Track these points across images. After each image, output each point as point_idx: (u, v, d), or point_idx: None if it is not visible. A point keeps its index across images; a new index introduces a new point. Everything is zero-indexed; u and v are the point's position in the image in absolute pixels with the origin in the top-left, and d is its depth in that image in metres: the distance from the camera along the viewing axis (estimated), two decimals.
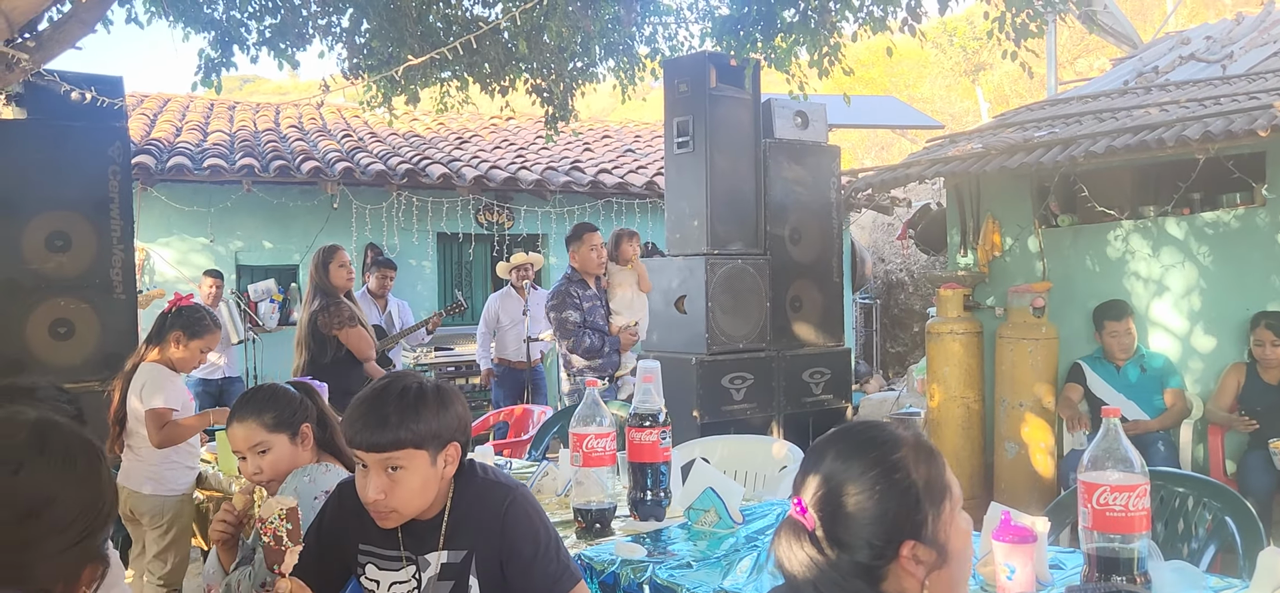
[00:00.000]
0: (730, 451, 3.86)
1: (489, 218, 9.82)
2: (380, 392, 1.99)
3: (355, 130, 11.17)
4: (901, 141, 20.59)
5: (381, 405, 1.96)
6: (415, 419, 1.95)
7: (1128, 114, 5.96)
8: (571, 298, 5.44)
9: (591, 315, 5.49)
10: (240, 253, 8.99)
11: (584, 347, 5.38)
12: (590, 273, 5.59)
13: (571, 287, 5.48)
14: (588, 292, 5.55)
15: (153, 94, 12.05)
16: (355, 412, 1.98)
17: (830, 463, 1.44)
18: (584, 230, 5.63)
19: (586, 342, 5.40)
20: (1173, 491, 2.72)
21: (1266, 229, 5.31)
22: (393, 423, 1.94)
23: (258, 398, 2.57)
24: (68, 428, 1.37)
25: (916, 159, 6.81)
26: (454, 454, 2.04)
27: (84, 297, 5.03)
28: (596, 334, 5.46)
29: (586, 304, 5.47)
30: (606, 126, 13.62)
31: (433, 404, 1.99)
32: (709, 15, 6.44)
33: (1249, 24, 8.31)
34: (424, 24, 6.47)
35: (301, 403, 2.58)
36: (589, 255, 5.56)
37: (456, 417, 2.03)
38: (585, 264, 5.58)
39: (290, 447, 2.52)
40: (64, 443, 1.34)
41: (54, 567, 1.29)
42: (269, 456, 2.51)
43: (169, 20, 6.08)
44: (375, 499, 1.97)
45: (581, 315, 5.43)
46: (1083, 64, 20.93)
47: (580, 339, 5.41)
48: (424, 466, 1.98)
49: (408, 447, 1.95)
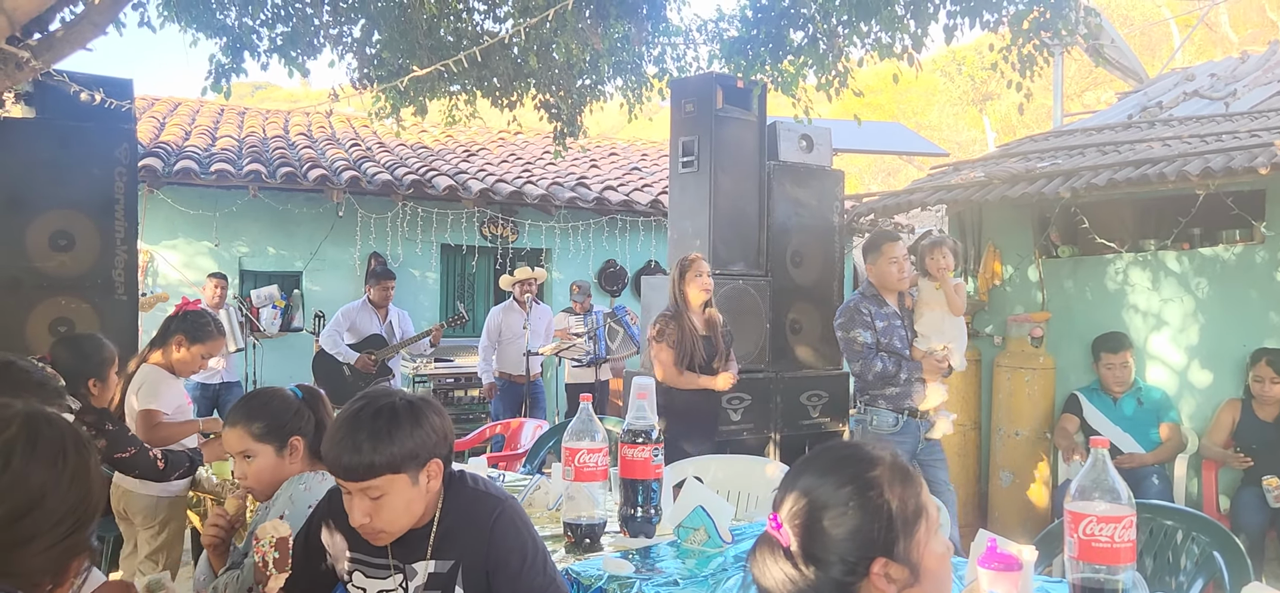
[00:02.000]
0: (724, 471, 3.87)
1: (493, 231, 9.85)
2: (353, 417, 1.97)
3: (363, 140, 11.22)
4: (908, 168, 20.63)
5: (355, 432, 1.94)
6: (389, 443, 1.94)
7: (1130, 148, 5.99)
8: (861, 316, 4.64)
9: (887, 336, 4.66)
10: (244, 258, 9.03)
11: (875, 371, 4.57)
12: (890, 289, 4.73)
13: (863, 303, 4.69)
14: (884, 309, 4.70)
15: (164, 97, 12.12)
16: (330, 439, 1.98)
17: (807, 481, 1.46)
18: (883, 240, 4.79)
19: (877, 365, 4.57)
20: (1162, 524, 2.73)
21: (1265, 266, 5.32)
22: (366, 450, 1.92)
23: (251, 404, 2.57)
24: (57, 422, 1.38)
25: (919, 185, 6.84)
26: (436, 469, 2.03)
27: (85, 296, 5.06)
28: (892, 358, 4.60)
29: (881, 324, 4.65)
30: (613, 144, 13.67)
31: (406, 425, 1.97)
32: (717, 37, 6.49)
33: (1254, 63, 8.34)
34: (434, 37, 6.53)
35: (297, 413, 2.57)
36: (888, 269, 4.69)
37: (433, 432, 2.01)
38: (884, 279, 4.71)
39: (275, 458, 2.51)
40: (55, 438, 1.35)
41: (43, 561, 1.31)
42: (253, 463, 2.50)
43: (181, 25, 6.14)
44: (361, 523, 1.98)
45: (874, 336, 4.62)
46: (1090, 97, 20.97)
47: (870, 362, 4.59)
48: (405, 487, 1.97)
49: (384, 473, 1.94)
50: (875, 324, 4.62)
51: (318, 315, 8.71)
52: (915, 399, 4.59)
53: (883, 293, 4.72)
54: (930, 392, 4.62)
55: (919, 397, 4.60)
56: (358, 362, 7.32)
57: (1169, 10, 20.78)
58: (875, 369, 4.56)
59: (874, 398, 4.64)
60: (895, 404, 4.59)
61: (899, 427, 4.57)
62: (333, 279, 9.27)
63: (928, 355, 4.63)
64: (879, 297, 4.70)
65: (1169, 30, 21.00)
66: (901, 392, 4.59)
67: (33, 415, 1.36)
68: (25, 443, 1.32)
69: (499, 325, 7.92)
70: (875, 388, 4.63)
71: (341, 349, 7.35)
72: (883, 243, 4.73)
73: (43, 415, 1.37)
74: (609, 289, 10.43)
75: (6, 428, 1.33)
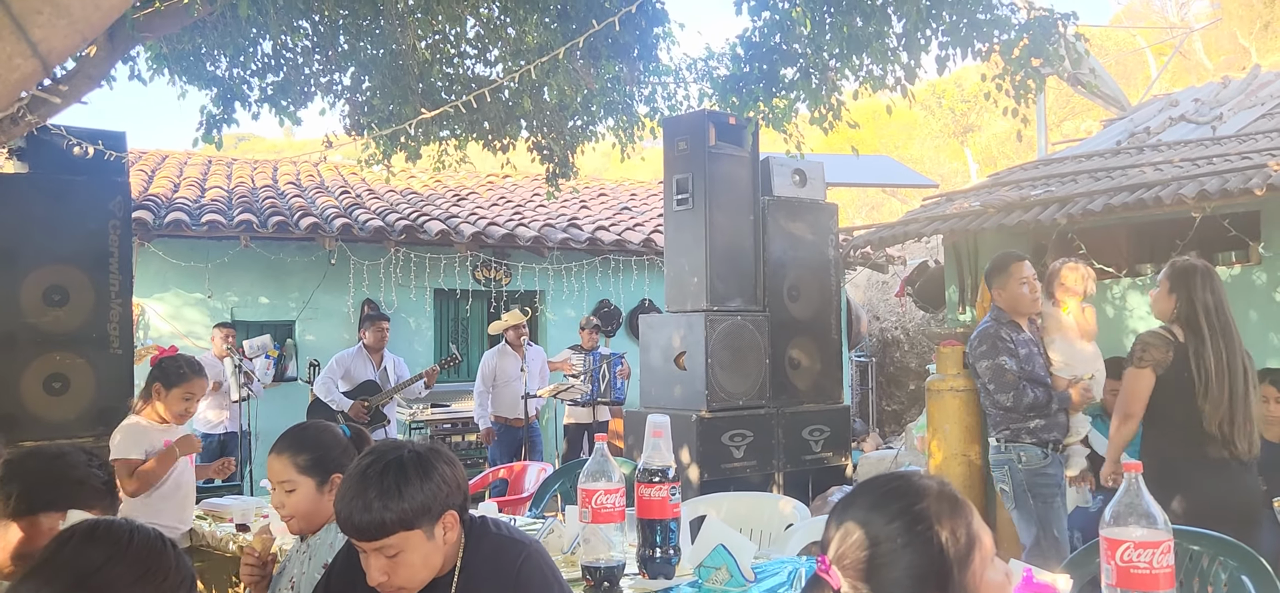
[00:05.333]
0: (734, 508, 3.82)
1: (486, 274, 9.82)
2: (361, 474, 1.93)
3: (353, 187, 11.21)
4: (891, 201, 20.78)
5: (364, 490, 1.90)
6: (399, 499, 1.89)
7: (1122, 173, 6.03)
8: (1005, 342, 4.26)
9: (1028, 364, 4.29)
10: (236, 308, 8.96)
11: (1027, 402, 4.19)
12: (1022, 313, 4.39)
13: (1002, 330, 4.30)
14: (1022, 335, 4.34)
15: (150, 150, 12.09)
16: (340, 498, 1.94)
17: (853, 518, 1.42)
18: (1011, 261, 4.43)
19: (1029, 397, 4.19)
20: (1187, 548, 2.70)
21: (1263, 287, 5.35)
22: (377, 508, 1.88)
23: (298, 435, 2.55)
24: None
25: (915, 216, 6.86)
26: (452, 521, 1.99)
27: (80, 352, 5.00)
28: (1041, 388, 4.25)
29: (1022, 351, 4.28)
30: (603, 184, 13.70)
31: (415, 479, 1.93)
32: (708, 75, 6.52)
33: (1236, 87, 8.45)
34: (426, 82, 6.54)
35: (345, 450, 2.53)
36: (1020, 291, 4.34)
37: (444, 483, 1.97)
38: (1016, 303, 4.35)
39: (315, 493, 2.47)
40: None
41: None
42: (293, 496, 2.48)
43: (171, 77, 6.13)
44: (379, 581, 1.93)
45: (1018, 363, 4.24)
46: (1069, 126, 21.24)
47: (1022, 392, 4.19)
48: (420, 542, 1.93)
49: (397, 531, 1.90)
50: (1017, 351, 4.24)
51: (312, 364, 8.64)
52: (1060, 432, 4.25)
53: (1015, 318, 4.36)
54: (1075, 423, 4.32)
55: (1063, 429, 4.27)
56: (351, 409, 7.25)
57: (1143, 39, 21.12)
58: (1027, 400, 4.17)
59: (1017, 432, 4.24)
60: (1040, 438, 4.21)
61: (1049, 461, 4.19)
62: (326, 327, 9.21)
63: (1073, 383, 4.28)
64: (1013, 322, 4.35)
65: (1144, 59, 21.35)
66: (1048, 423, 4.23)
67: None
68: None
69: (494, 369, 7.87)
70: (1019, 421, 4.23)
71: (336, 397, 7.28)
72: (1011, 263, 4.37)
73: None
74: (603, 330, 10.39)
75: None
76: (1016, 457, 4.20)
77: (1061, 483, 4.25)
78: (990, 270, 4.49)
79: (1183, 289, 3.74)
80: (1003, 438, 4.28)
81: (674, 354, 5.89)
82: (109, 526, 1.54)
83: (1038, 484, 4.15)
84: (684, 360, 5.84)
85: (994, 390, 4.27)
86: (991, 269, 4.48)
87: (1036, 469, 4.17)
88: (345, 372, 7.42)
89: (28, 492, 2.16)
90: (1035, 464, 4.17)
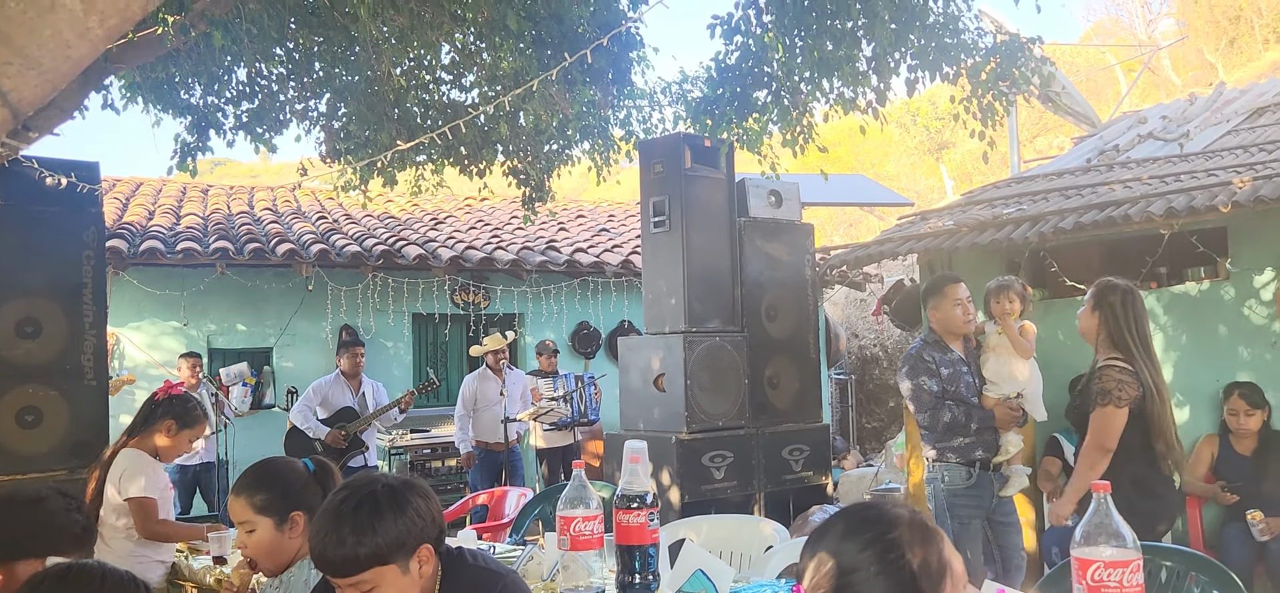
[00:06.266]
0: (714, 531, 3.83)
1: (465, 298, 9.81)
2: (335, 510, 1.92)
3: (330, 212, 11.17)
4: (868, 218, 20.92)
5: (338, 525, 1.89)
6: (373, 534, 1.88)
7: (1093, 191, 6.11)
8: (925, 363, 4.35)
9: (953, 383, 4.34)
10: (213, 336, 8.90)
11: (944, 422, 4.28)
12: (954, 333, 4.44)
13: (926, 350, 4.40)
14: (949, 355, 4.39)
15: (125, 178, 12.01)
16: (314, 534, 1.92)
17: (827, 546, 1.45)
18: (945, 282, 4.51)
19: (946, 415, 4.27)
20: (1159, 564, 2.74)
21: (1231, 302, 5.43)
22: (350, 543, 1.87)
23: (255, 475, 2.51)
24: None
25: (890, 235, 6.92)
26: (427, 555, 1.98)
27: (53, 384, 4.95)
28: (960, 406, 4.30)
29: (945, 370, 4.34)
30: (580, 207, 13.73)
31: (389, 514, 1.91)
32: (682, 98, 6.56)
33: (1202, 104, 8.59)
34: (402, 108, 6.54)
35: (304, 487, 2.51)
36: (953, 312, 4.41)
37: (419, 516, 1.96)
38: (949, 323, 4.42)
39: (274, 533, 2.45)
40: None
41: None
42: (254, 536, 2.45)
43: (145, 106, 6.10)
44: None
45: (939, 383, 4.31)
46: (1042, 142, 21.50)
47: (939, 411, 4.29)
48: (395, 577, 1.92)
49: (372, 566, 1.89)
50: (940, 371, 4.32)
51: (290, 392, 8.59)
52: (986, 450, 4.28)
53: (946, 338, 4.42)
54: (1005, 443, 4.32)
55: (990, 448, 4.29)
56: (329, 437, 7.21)
57: (1113, 56, 21.43)
58: (944, 419, 4.26)
59: (943, 452, 4.31)
60: (965, 456, 4.26)
61: (973, 481, 4.24)
62: (304, 354, 9.16)
63: (1000, 403, 4.31)
64: (942, 342, 4.41)
65: (1114, 75, 21.66)
66: (972, 442, 4.27)
67: None
68: None
69: (474, 393, 7.85)
70: (944, 440, 4.31)
71: (313, 425, 7.24)
72: (945, 285, 4.44)
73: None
74: (583, 351, 10.40)
75: None
76: (940, 477, 4.28)
77: (989, 507, 4.28)
78: (926, 291, 4.56)
79: (1106, 308, 3.85)
80: (931, 460, 4.35)
81: (653, 376, 5.90)
82: (81, 569, 1.53)
83: (957, 505, 4.21)
84: (663, 382, 5.85)
85: (916, 411, 4.40)
86: (927, 290, 4.55)
87: (957, 490, 4.22)
88: (323, 399, 7.38)
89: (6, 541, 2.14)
90: (957, 484, 4.23)
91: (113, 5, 1.89)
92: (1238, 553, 4.82)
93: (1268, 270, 5.33)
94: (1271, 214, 5.08)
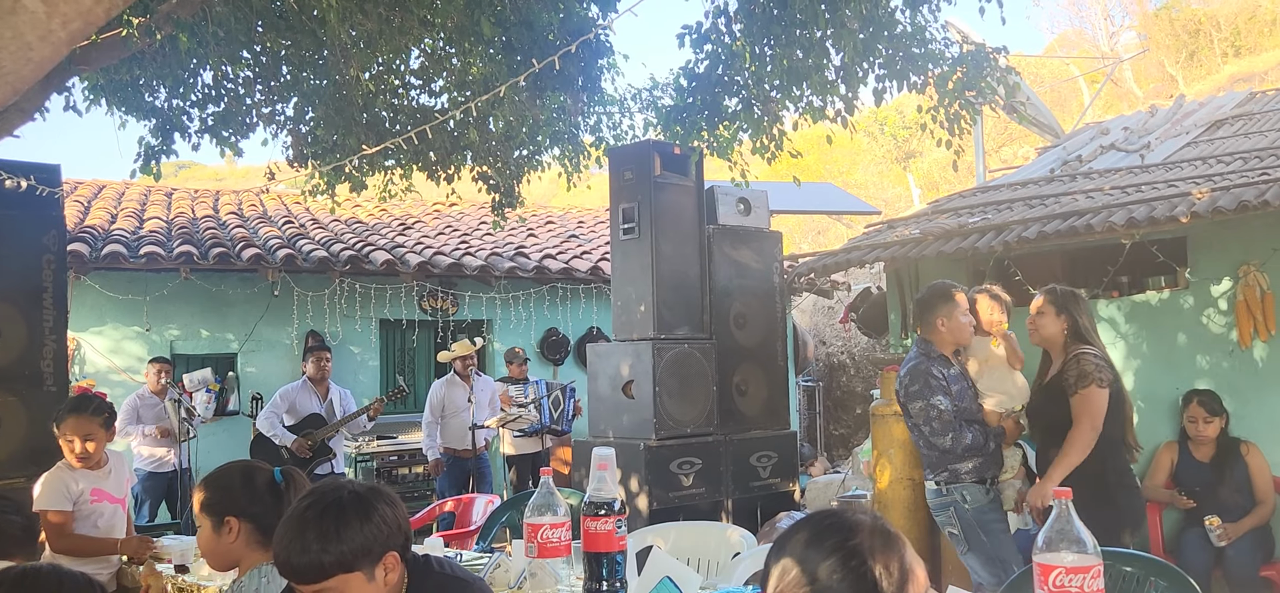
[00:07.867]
0: (681, 538, 3.84)
1: (433, 304, 9.75)
2: (300, 516, 1.92)
3: (297, 217, 11.06)
4: (837, 226, 21.06)
5: (303, 532, 1.89)
6: (338, 541, 1.88)
7: (1056, 200, 6.21)
8: (937, 380, 3.98)
9: (962, 400, 4.04)
10: (176, 342, 8.77)
11: (965, 445, 3.94)
12: (959, 344, 4.17)
13: (933, 365, 4.02)
14: (952, 371, 4.07)
15: (87, 181, 11.83)
16: (278, 540, 1.92)
17: (791, 554, 1.45)
18: (952, 290, 4.18)
19: (968, 438, 3.95)
20: (1121, 570, 2.78)
21: (1191, 310, 5.53)
22: (315, 550, 1.87)
23: (210, 474, 2.57)
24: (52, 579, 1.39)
25: (857, 244, 6.98)
26: (393, 563, 1.98)
27: (11, 390, 4.87)
28: (978, 427, 4.02)
29: (954, 387, 4.01)
30: (550, 212, 13.71)
31: (355, 520, 1.91)
32: (652, 105, 6.58)
33: (1162, 116, 8.75)
34: (370, 113, 6.50)
35: (249, 494, 2.50)
36: (963, 323, 4.09)
37: (385, 524, 1.96)
38: (958, 334, 4.10)
39: (212, 534, 2.48)
40: None
41: None
42: (200, 534, 2.52)
43: (110, 108, 6.02)
44: None
45: (951, 402, 3.97)
46: (1007, 152, 21.78)
47: (960, 432, 3.94)
48: (361, 585, 1.92)
49: (336, 574, 1.89)
50: (950, 388, 3.99)
51: (255, 398, 8.49)
52: (996, 466, 4.05)
53: (944, 351, 4.11)
54: (1008, 458, 4.09)
55: (997, 463, 4.06)
56: (295, 445, 7.14)
57: (1077, 68, 21.77)
58: (966, 442, 3.94)
59: (956, 473, 3.99)
60: (979, 475, 4.00)
61: (992, 498, 4.02)
62: (269, 360, 9.06)
63: (1006, 417, 4.09)
64: (942, 356, 4.09)
65: (1077, 87, 22.00)
66: (985, 462, 4.00)
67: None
68: None
69: (442, 400, 7.80)
70: (961, 461, 3.98)
71: (279, 432, 7.17)
72: (953, 292, 4.13)
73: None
74: (551, 358, 10.37)
75: None
76: (960, 498, 4.01)
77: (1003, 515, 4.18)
78: (931, 300, 4.18)
79: (1069, 313, 3.97)
80: (942, 480, 4.05)
81: (622, 383, 5.91)
82: (37, 572, 1.52)
83: (986, 521, 4.02)
84: (632, 389, 5.86)
85: (930, 433, 4.02)
86: (933, 298, 4.17)
87: (982, 507, 4.00)
88: (290, 405, 7.31)
89: None
90: (980, 502, 4.00)
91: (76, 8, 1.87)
92: (1196, 558, 4.90)
93: (1226, 280, 5.43)
94: (1229, 225, 5.19)
